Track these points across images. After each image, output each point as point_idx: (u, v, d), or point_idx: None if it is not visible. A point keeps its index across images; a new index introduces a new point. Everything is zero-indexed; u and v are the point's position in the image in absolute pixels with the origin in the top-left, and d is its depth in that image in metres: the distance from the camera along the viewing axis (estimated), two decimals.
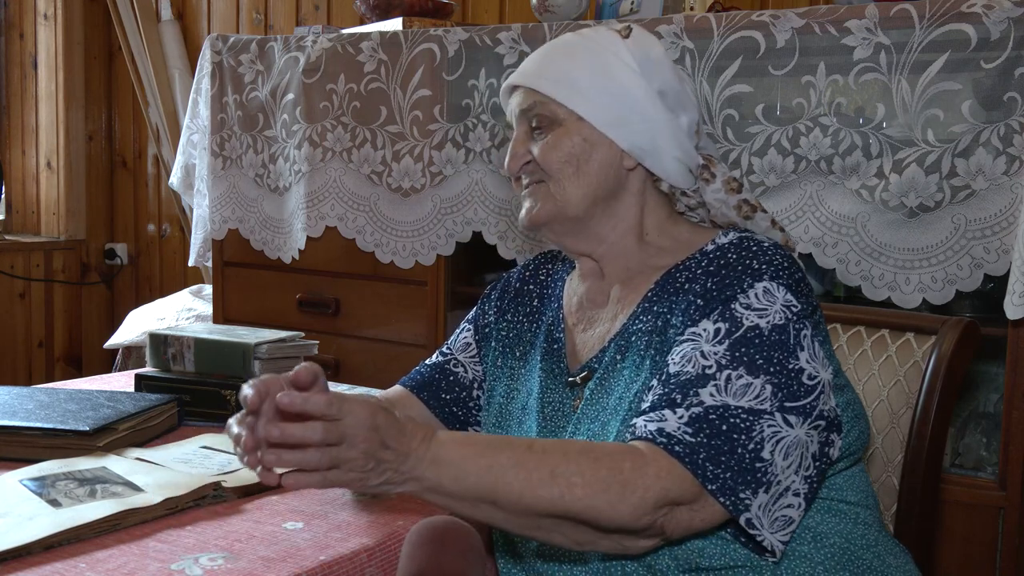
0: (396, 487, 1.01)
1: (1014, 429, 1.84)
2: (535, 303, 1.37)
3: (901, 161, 1.89)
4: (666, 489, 1.03)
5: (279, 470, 0.98)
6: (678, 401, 1.07)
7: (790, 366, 1.09)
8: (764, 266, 1.14)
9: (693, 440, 1.04)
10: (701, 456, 1.04)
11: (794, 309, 1.11)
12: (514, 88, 1.28)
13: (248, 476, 1.43)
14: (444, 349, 1.44)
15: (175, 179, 3.08)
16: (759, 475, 1.05)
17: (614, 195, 1.24)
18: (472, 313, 1.45)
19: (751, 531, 1.06)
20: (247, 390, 0.97)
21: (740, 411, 1.06)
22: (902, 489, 1.36)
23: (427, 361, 1.45)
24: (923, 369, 1.37)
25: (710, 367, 1.08)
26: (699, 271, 1.19)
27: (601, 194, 1.24)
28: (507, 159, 1.27)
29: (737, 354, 1.08)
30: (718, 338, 1.10)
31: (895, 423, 1.39)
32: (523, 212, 1.27)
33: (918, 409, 1.36)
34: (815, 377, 1.10)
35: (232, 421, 1.00)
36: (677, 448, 1.04)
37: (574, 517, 1.03)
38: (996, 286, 1.90)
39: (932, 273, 1.88)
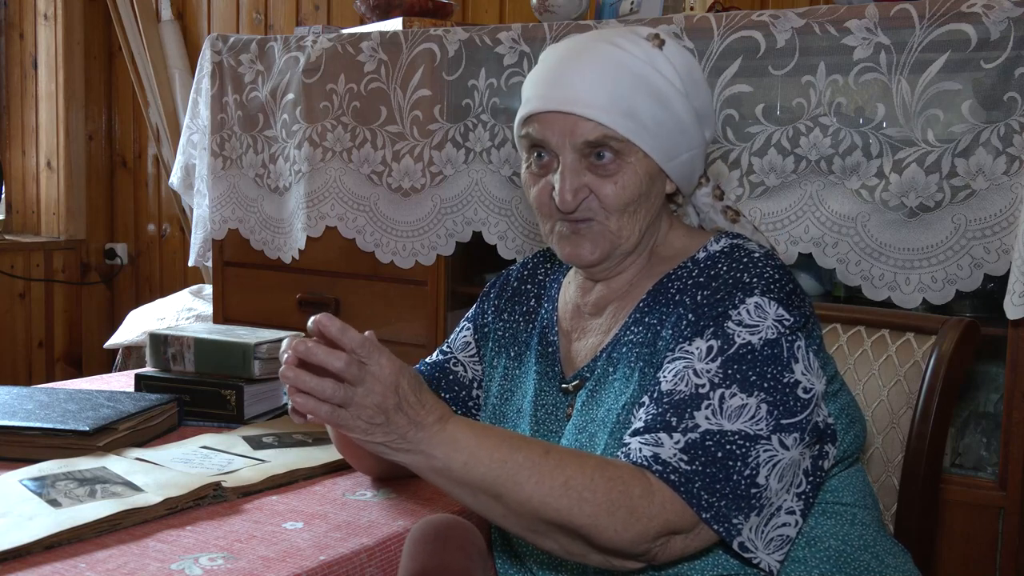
0: (396, 453, 1.01)
1: (1014, 429, 1.84)
2: (532, 303, 1.37)
3: (901, 161, 1.89)
4: (669, 521, 1.03)
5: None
6: (673, 424, 1.06)
7: (785, 380, 1.08)
8: (755, 280, 1.13)
9: (689, 468, 1.03)
10: (696, 485, 1.03)
11: (786, 323, 1.10)
12: (563, 113, 1.15)
13: (248, 476, 1.43)
14: (444, 348, 1.44)
15: (175, 179, 3.08)
16: (752, 500, 1.04)
17: (652, 221, 1.23)
18: (472, 312, 1.44)
19: (745, 554, 1.06)
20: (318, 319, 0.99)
21: (736, 436, 1.05)
22: (902, 489, 1.36)
23: (427, 360, 1.45)
24: (923, 369, 1.37)
25: (703, 386, 1.07)
26: (689, 281, 1.18)
27: (648, 226, 1.22)
28: (562, 191, 1.15)
29: (730, 371, 1.07)
30: (711, 356, 1.09)
31: (895, 423, 1.39)
32: (571, 249, 1.20)
33: (918, 409, 1.36)
34: (810, 390, 1.09)
35: (287, 339, 1.03)
36: (672, 477, 1.03)
37: (576, 530, 1.02)
38: (996, 286, 1.89)
39: (932, 273, 1.88)
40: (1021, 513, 1.84)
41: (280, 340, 1.81)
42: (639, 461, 1.05)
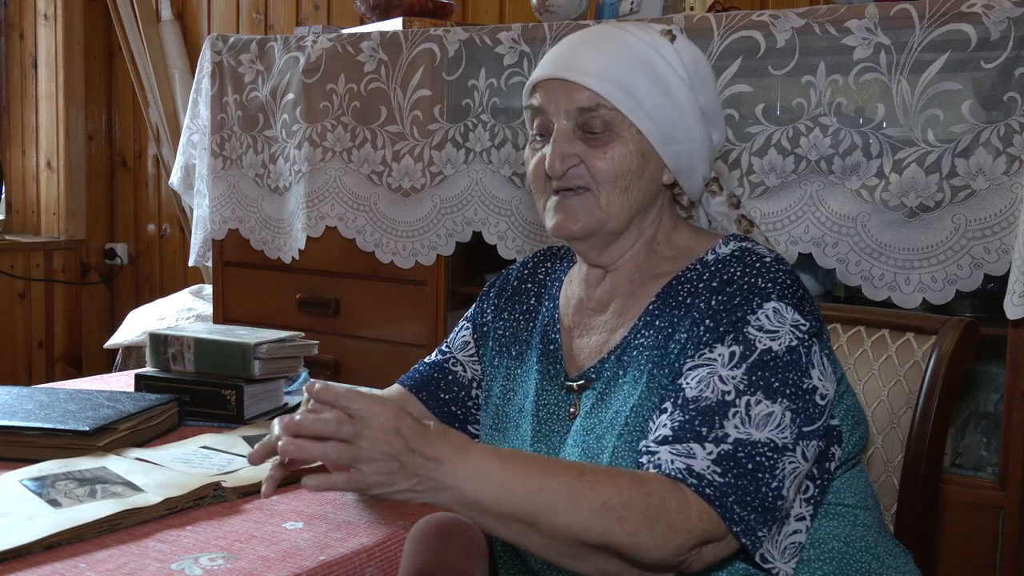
0: (425, 495, 0.97)
1: (1014, 429, 1.84)
2: (532, 302, 1.36)
3: (901, 161, 1.89)
4: (706, 532, 1.02)
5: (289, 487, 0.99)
6: (703, 434, 1.06)
7: (804, 386, 1.08)
8: (770, 284, 1.13)
9: (722, 480, 1.03)
10: (730, 499, 1.03)
11: (802, 328, 1.11)
12: (561, 79, 1.18)
13: (248, 476, 1.43)
14: (443, 347, 1.44)
15: (175, 179, 3.09)
16: (777, 513, 1.05)
17: (646, 209, 1.23)
18: (471, 311, 1.44)
19: (765, 565, 1.07)
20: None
21: (765, 448, 1.05)
22: (902, 489, 1.36)
23: (426, 359, 1.44)
24: (923, 369, 1.37)
25: (729, 393, 1.07)
26: (700, 284, 1.18)
27: (640, 209, 1.22)
28: (551, 156, 1.18)
29: (754, 378, 1.08)
30: (734, 362, 1.09)
31: (895, 423, 1.39)
32: (557, 220, 1.20)
33: (918, 409, 1.36)
34: (825, 396, 1.10)
35: (276, 421, 1.02)
36: (707, 491, 1.03)
37: (616, 550, 1.01)
38: (996, 286, 1.89)
39: (932, 273, 1.88)
40: (1021, 513, 1.84)
41: (280, 340, 1.81)
42: (673, 474, 1.04)
